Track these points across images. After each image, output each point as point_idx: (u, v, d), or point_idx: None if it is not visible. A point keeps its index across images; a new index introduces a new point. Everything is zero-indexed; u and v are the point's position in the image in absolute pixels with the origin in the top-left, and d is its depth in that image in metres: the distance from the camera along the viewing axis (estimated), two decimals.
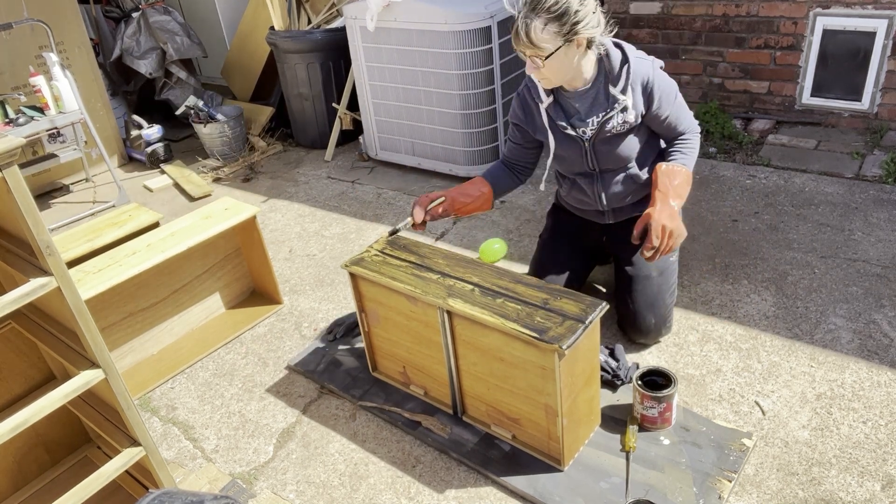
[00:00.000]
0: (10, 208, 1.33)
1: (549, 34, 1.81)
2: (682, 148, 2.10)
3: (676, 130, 2.10)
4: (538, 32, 1.80)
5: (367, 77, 3.62)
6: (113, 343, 2.39)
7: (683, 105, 2.09)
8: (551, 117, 2.09)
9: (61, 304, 1.43)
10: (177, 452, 2.10)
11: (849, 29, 3.31)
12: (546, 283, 1.84)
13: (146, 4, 4.49)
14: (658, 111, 2.03)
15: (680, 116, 2.08)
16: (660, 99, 2.01)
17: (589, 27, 1.83)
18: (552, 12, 1.78)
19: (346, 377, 2.27)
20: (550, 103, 2.07)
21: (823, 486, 1.73)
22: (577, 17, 1.80)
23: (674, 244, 1.99)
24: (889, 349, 2.13)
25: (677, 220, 1.99)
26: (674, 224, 1.97)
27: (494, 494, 1.82)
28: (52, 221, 3.66)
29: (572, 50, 1.87)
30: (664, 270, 2.19)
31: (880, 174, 3.07)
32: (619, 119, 2.01)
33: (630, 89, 1.98)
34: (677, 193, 2.01)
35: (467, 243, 3.01)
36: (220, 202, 2.64)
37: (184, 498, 1.28)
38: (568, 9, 1.78)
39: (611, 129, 2.03)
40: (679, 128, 2.10)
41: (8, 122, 3.38)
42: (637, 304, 2.19)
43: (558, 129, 2.09)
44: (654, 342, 2.26)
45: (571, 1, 1.78)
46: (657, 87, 1.99)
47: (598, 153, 2.10)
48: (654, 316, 2.18)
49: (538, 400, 1.76)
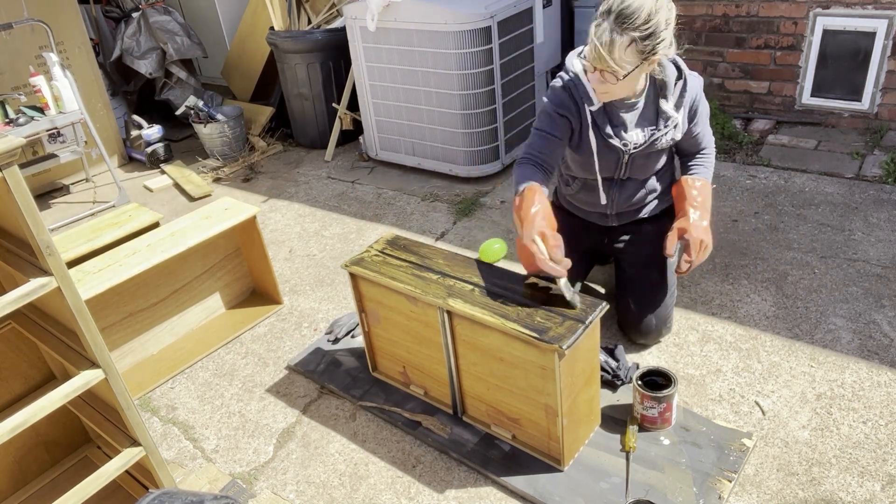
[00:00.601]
0: (10, 208, 1.33)
1: (632, 53, 1.71)
2: (705, 162, 2.11)
3: (701, 145, 2.11)
4: (622, 50, 1.69)
5: (367, 77, 3.62)
6: (113, 343, 2.39)
7: (708, 120, 2.10)
8: (596, 122, 1.98)
9: (61, 304, 1.43)
10: (177, 452, 2.10)
11: (849, 29, 3.31)
12: (546, 284, 1.84)
13: (146, 4, 4.49)
14: (694, 127, 2.03)
15: (706, 132, 2.09)
16: (699, 116, 2.01)
17: (665, 47, 1.75)
18: (642, 31, 1.68)
19: (346, 377, 2.27)
20: (599, 109, 1.96)
21: (823, 486, 1.73)
22: (662, 37, 1.71)
23: (705, 257, 2.01)
24: (889, 349, 2.13)
25: (710, 234, 2.01)
26: (709, 238, 1.99)
27: (494, 494, 1.82)
28: (52, 221, 3.67)
29: (645, 69, 1.80)
30: (664, 272, 2.19)
31: (880, 174, 3.07)
32: (668, 136, 1.98)
33: (682, 107, 1.95)
34: (706, 208, 2.03)
35: (467, 243, 3.01)
36: (220, 202, 2.64)
37: (184, 498, 1.28)
38: (657, 30, 1.69)
39: (657, 145, 2.01)
40: (703, 142, 2.11)
41: (8, 122, 3.38)
42: (637, 305, 2.19)
43: (601, 136, 1.99)
44: (655, 342, 2.26)
45: (660, 21, 1.68)
46: (702, 104, 1.99)
47: (634, 164, 2.07)
48: (655, 317, 2.18)
49: (538, 400, 1.76)
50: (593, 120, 1.97)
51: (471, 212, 3.25)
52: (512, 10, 3.26)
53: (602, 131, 1.98)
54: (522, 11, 3.34)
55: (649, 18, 1.67)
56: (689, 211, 2.00)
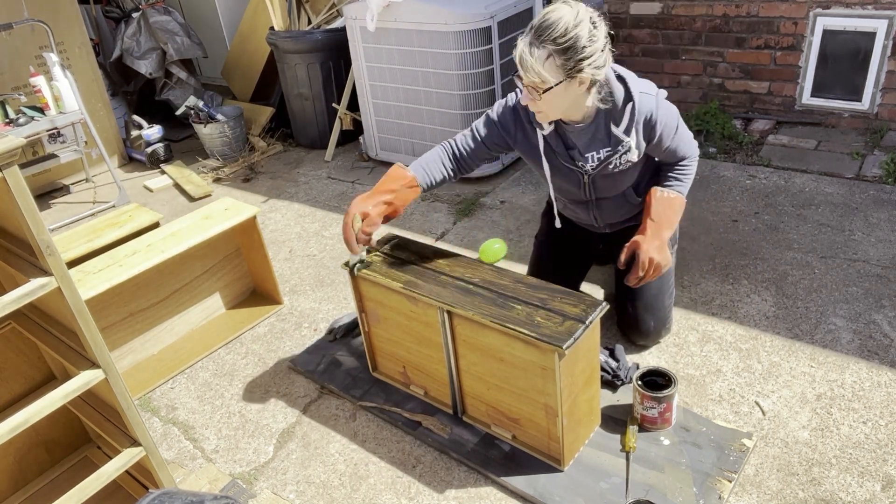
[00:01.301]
0: (10, 208, 1.33)
1: (552, 67, 1.67)
2: (679, 174, 2.02)
3: (676, 157, 2.02)
4: (540, 63, 1.67)
5: (367, 77, 3.62)
6: (113, 343, 2.39)
7: (684, 132, 1.98)
8: (550, 146, 1.96)
9: (61, 304, 1.43)
10: (177, 452, 2.10)
11: (849, 29, 3.31)
12: (546, 283, 1.84)
13: (146, 4, 4.49)
14: (659, 143, 1.94)
15: (679, 145, 1.98)
16: (661, 133, 1.91)
17: (594, 66, 1.70)
18: (558, 44, 1.65)
19: (346, 377, 2.27)
20: (551, 132, 1.93)
21: (823, 486, 1.73)
22: (584, 53, 1.66)
23: (659, 273, 1.97)
24: (889, 349, 2.13)
25: (665, 251, 1.96)
26: (661, 256, 1.94)
27: (494, 494, 1.82)
28: (52, 221, 3.66)
29: (573, 87, 1.73)
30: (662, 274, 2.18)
31: (880, 174, 3.07)
32: (622, 160, 1.93)
33: (634, 129, 1.87)
34: (670, 223, 1.97)
35: (467, 243, 3.01)
36: (220, 202, 2.64)
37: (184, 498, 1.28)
38: (575, 44, 1.64)
39: (613, 169, 1.96)
40: (678, 155, 2.01)
41: (8, 122, 3.38)
42: (636, 307, 2.19)
43: (557, 161, 1.99)
44: (654, 343, 2.26)
45: (580, 35, 1.65)
46: (659, 122, 1.87)
47: (597, 186, 2.04)
48: (654, 319, 2.18)
49: (538, 400, 1.76)
50: (546, 143, 1.95)
51: (471, 212, 3.25)
52: (512, 10, 3.26)
53: (558, 154, 1.96)
54: (522, 11, 3.34)
55: (566, 32, 1.64)
56: (648, 226, 1.95)
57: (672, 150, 1.98)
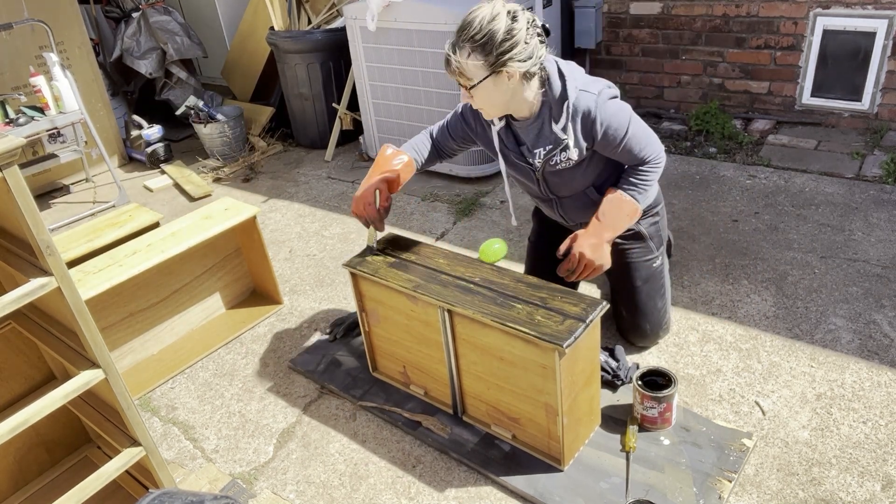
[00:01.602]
0: (10, 208, 1.33)
1: (475, 64, 1.71)
2: (637, 179, 1.93)
3: (634, 159, 1.93)
4: (462, 61, 1.72)
5: (367, 77, 3.62)
6: (113, 343, 2.39)
7: (639, 135, 1.88)
8: (503, 142, 1.98)
9: (61, 304, 1.43)
10: (177, 452, 2.10)
11: (849, 29, 3.31)
12: (546, 283, 1.84)
13: (146, 4, 4.50)
14: (605, 144, 1.87)
15: (634, 147, 1.89)
16: (605, 133, 1.84)
17: (519, 59, 1.71)
18: (476, 41, 1.69)
19: (346, 377, 2.27)
20: (502, 128, 1.96)
21: (823, 486, 1.73)
22: (503, 47, 1.68)
23: (592, 274, 1.93)
24: (889, 349, 2.13)
25: (601, 251, 1.91)
26: (595, 255, 1.89)
27: (494, 494, 1.82)
28: (52, 221, 3.66)
29: (502, 81, 1.75)
30: (649, 278, 2.16)
31: (880, 174, 3.07)
32: (562, 157, 1.91)
33: (570, 127, 1.85)
34: (614, 226, 1.92)
35: (467, 243, 3.01)
36: (220, 202, 2.64)
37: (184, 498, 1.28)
38: (492, 38, 1.68)
39: (556, 166, 1.94)
40: (635, 157, 1.91)
41: (8, 122, 3.38)
42: (629, 312, 2.20)
43: (509, 155, 2.01)
44: (653, 344, 2.26)
45: (496, 31, 1.67)
46: (600, 120, 1.82)
47: (550, 184, 2.03)
48: (647, 322, 2.18)
49: (538, 399, 1.76)
50: (500, 139, 1.99)
51: (471, 212, 3.25)
52: None
53: (511, 150, 2.00)
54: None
55: (481, 29, 1.68)
56: (591, 223, 1.92)
57: (627, 151, 1.90)
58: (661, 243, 2.20)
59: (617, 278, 2.21)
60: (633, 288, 2.17)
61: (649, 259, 2.15)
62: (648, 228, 2.14)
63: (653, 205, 2.14)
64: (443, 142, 2.15)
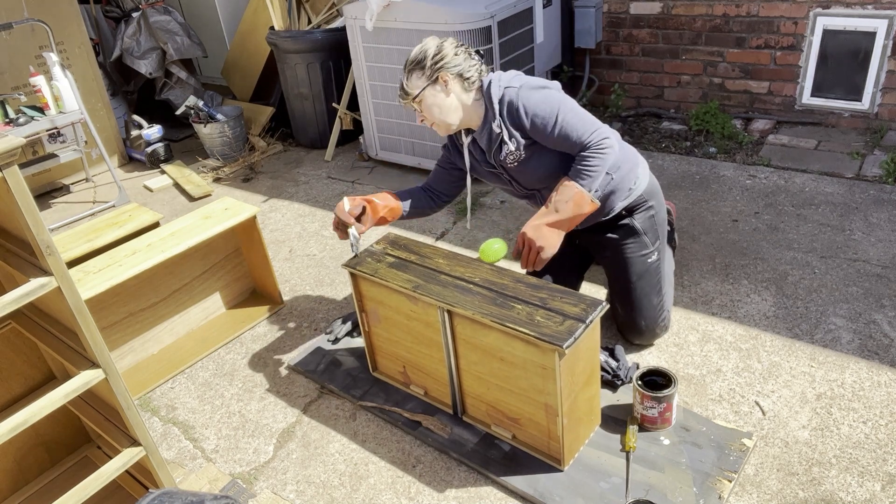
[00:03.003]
0: (10, 208, 1.33)
1: (416, 81, 1.99)
2: (580, 165, 1.93)
3: (573, 146, 1.95)
4: (409, 83, 2.00)
5: (367, 77, 3.62)
6: (113, 343, 2.39)
7: (573, 122, 1.92)
8: (473, 156, 2.13)
9: (61, 304, 1.43)
10: (177, 452, 2.10)
11: (849, 29, 3.31)
12: (546, 283, 1.84)
13: (146, 4, 4.50)
14: (537, 132, 1.96)
15: (570, 133, 1.92)
16: (532, 122, 1.94)
17: (451, 66, 1.95)
18: (413, 62, 1.98)
19: (346, 377, 2.27)
20: (470, 142, 2.11)
21: (823, 486, 1.73)
22: (436, 58, 1.95)
23: (539, 258, 1.95)
24: (889, 349, 2.13)
25: (542, 232, 1.93)
26: (535, 235, 1.93)
27: (494, 494, 1.82)
28: (52, 221, 3.67)
29: (440, 88, 1.97)
30: (644, 274, 2.16)
31: (880, 174, 3.07)
32: (505, 151, 2.02)
33: (499, 121, 1.99)
34: (559, 210, 1.94)
35: (467, 243, 3.01)
36: (220, 202, 2.64)
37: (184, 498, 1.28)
38: (426, 55, 1.96)
39: (506, 160, 2.04)
40: (574, 144, 1.93)
41: (8, 122, 3.38)
42: (623, 309, 2.21)
43: (480, 167, 2.15)
44: (651, 343, 2.26)
45: (427, 49, 1.97)
46: (524, 110, 1.94)
47: (519, 180, 2.11)
48: (643, 318, 2.18)
49: (538, 400, 1.76)
50: (470, 154, 2.15)
51: (471, 212, 3.25)
52: (512, 10, 3.26)
53: (479, 162, 2.14)
54: (522, 11, 3.34)
55: (418, 52, 1.98)
56: (541, 209, 2.00)
57: (563, 138, 1.93)
58: (658, 238, 2.18)
59: (612, 274, 2.23)
60: (627, 283, 2.17)
61: (644, 254, 2.15)
62: (643, 223, 2.14)
63: (644, 198, 2.13)
64: (434, 180, 2.28)
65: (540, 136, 1.98)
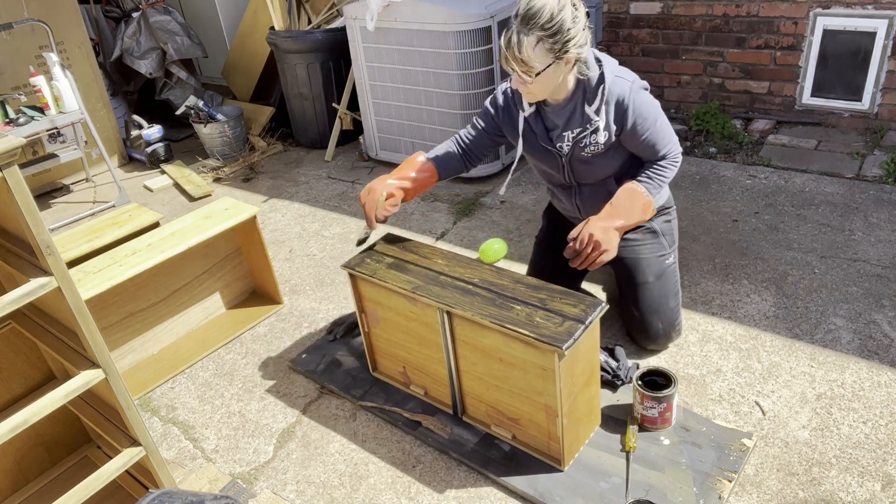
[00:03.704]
0: (10, 208, 1.33)
1: (541, 51, 1.77)
2: (653, 173, 2.00)
3: (654, 154, 2.00)
4: (530, 49, 1.76)
5: (367, 77, 3.62)
6: (113, 343, 2.39)
7: (664, 130, 1.98)
8: (531, 127, 2.04)
9: (61, 304, 1.43)
10: (177, 452, 2.10)
11: (849, 29, 3.31)
12: (546, 284, 1.84)
13: (146, 4, 4.50)
14: (633, 133, 1.94)
15: (658, 141, 1.98)
16: (634, 122, 1.92)
17: (578, 45, 1.80)
18: (546, 29, 1.74)
19: (346, 377, 2.27)
20: (532, 113, 2.02)
21: (823, 486, 1.73)
22: (569, 34, 1.76)
23: (598, 259, 1.93)
24: (889, 349, 2.13)
25: (609, 235, 1.92)
26: (603, 237, 1.91)
27: (494, 494, 1.82)
28: (52, 221, 3.66)
29: (561, 67, 1.83)
30: (661, 275, 2.16)
31: (880, 174, 3.07)
32: (590, 139, 1.96)
33: (604, 110, 1.92)
34: (626, 214, 1.95)
35: (467, 243, 3.01)
36: (220, 202, 2.64)
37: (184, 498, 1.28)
38: (562, 26, 1.75)
39: (584, 148, 1.98)
40: (656, 152, 1.99)
41: (8, 122, 3.38)
42: (641, 310, 2.16)
43: (535, 141, 2.05)
44: (664, 347, 2.23)
45: (565, 19, 1.75)
46: (633, 109, 1.91)
47: (575, 170, 2.07)
48: (661, 321, 2.16)
49: (538, 400, 1.76)
50: (527, 125, 2.04)
51: (471, 212, 3.25)
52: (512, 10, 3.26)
53: (538, 136, 2.04)
54: None
55: (552, 17, 1.74)
56: (604, 209, 1.97)
57: (650, 144, 1.97)
58: (674, 242, 2.21)
59: (628, 275, 2.18)
60: (645, 284, 2.15)
61: (662, 255, 2.15)
62: (662, 226, 2.16)
63: (666, 206, 2.19)
64: (473, 144, 2.17)
65: (628, 136, 1.96)
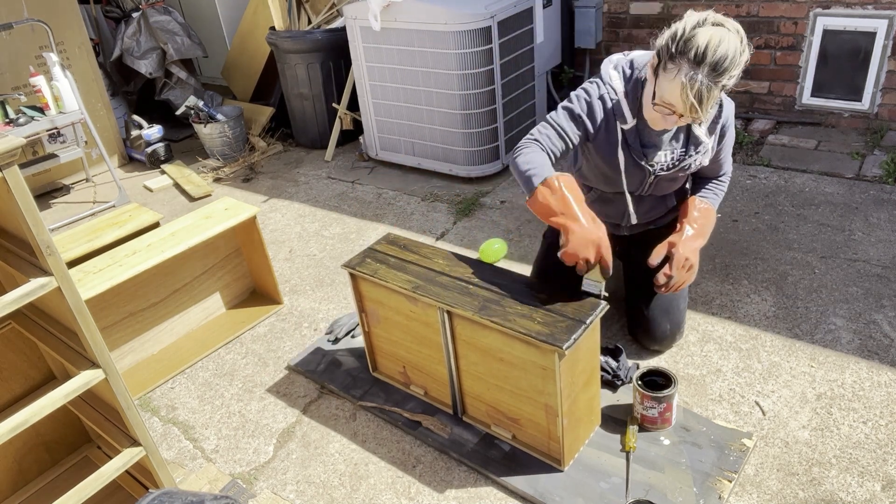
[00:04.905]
0: (10, 208, 1.33)
1: (716, 97, 1.66)
2: (717, 189, 2.09)
3: (721, 170, 2.07)
4: (714, 99, 1.64)
5: (367, 77, 3.62)
6: (113, 343, 2.39)
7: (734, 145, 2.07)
8: (627, 140, 1.94)
9: (61, 304, 1.43)
10: (177, 452, 2.10)
11: (849, 29, 3.31)
12: (546, 283, 1.84)
13: (146, 4, 4.49)
14: (720, 149, 1.98)
15: (728, 158, 2.05)
16: (726, 140, 1.97)
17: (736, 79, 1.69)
18: (732, 77, 1.63)
19: (346, 377, 2.27)
20: (632, 128, 1.92)
21: (823, 486, 1.73)
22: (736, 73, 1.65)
23: (687, 280, 1.99)
24: (889, 349, 2.13)
25: (698, 257, 1.99)
26: (695, 260, 1.97)
27: (494, 494, 1.82)
28: (52, 221, 3.66)
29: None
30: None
31: (880, 174, 3.07)
32: (697, 161, 1.95)
33: (714, 132, 1.91)
34: (705, 234, 2.02)
35: (467, 243, 3.01)
36: (220, 202, 2.64)
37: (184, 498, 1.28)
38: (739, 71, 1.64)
39: (686, 169, 1.97)
40: (722, 166, 2.07)
41: (8, 122, 3.38)
42: (652, 311, 2.16)
43: (630, 155, 1.96)
44: (668, 348, 2.23)
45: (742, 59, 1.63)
46: (730, 129, 1.95)
47: (658, 184, 2.05)
48: (669, 322, 2.16)
49: (538, 400, 1.76)
50: (624, 138, 1.93)
51: (471, 212, 3.25)
52: (512, 10, 3.26)
53: (633, 150, 1.94)
54: (522, 11, 3.34)
55: (734, 63, 1.61)
56: (686, 228, 1.98)
57: (723, 161, 2.03)
58: None
59: (643, 275, 2.13)
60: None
61: None
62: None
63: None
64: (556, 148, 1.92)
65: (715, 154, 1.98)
